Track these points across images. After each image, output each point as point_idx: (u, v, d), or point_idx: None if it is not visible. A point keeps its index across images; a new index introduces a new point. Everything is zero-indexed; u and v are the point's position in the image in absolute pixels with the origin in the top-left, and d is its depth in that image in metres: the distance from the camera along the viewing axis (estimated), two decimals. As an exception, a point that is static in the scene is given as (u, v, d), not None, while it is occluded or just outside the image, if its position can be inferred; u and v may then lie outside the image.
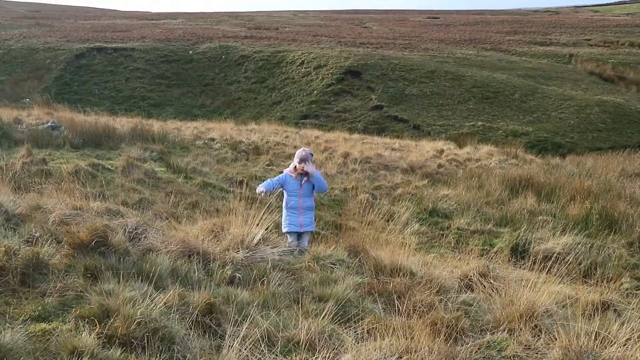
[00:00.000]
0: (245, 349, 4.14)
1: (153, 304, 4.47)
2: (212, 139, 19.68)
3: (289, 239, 7.95)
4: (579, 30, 71.65)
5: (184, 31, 56.06)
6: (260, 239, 6.68)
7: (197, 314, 4.59)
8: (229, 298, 5.07)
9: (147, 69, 42.37)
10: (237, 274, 5.80)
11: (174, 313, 4.50)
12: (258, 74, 41.91)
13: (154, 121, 24.45)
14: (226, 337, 4.25)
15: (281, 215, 8.13)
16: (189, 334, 4.35)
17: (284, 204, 8.06)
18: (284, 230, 8.01)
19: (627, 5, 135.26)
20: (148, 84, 40.59)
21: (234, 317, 4.62)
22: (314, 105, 36.39)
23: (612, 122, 33.87)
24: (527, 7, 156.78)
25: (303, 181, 7.97)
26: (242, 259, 6.19)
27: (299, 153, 7.99)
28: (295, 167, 7.94)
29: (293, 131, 25.70)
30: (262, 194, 7.79)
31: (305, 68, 41.47)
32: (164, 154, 14.99)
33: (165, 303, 4.57)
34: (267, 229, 6.86)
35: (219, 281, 5.61)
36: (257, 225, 6.81)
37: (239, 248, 6.39)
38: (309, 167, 7.92)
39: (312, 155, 8.13)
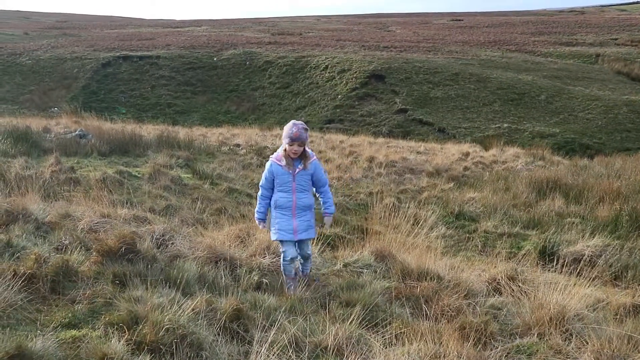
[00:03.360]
0: (273, 355, 4.14)
1: (181, 310, 4.50)
2: (238, 145, 19.76)
3: (282, 248, 5.93)
4: (606, 30, 70.89)
5: (208, 38, 56.47)
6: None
7: (224, 320, 4.60)
8: (256, 304, 5.08)
9: (173, 76, 42.75)
10: (264, 280, 5.82)
11: (201, 319, 4.52)
12: (282, 80, 42.06)
13: (179, 128, 24.64)
14: (254, 343, 4.26)
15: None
16: (217, 340, 4.36)
17: (272, 203, 5.90)
18: (272, 237, 5.94)
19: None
20: (173, 91, 40.95)
21: (261, 323, 4.63)
22: (338, 110, 36.41)
23: (640, 122, 33.46)
24: (552, 7, 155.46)
25: (297, 170, 5.77)
26: (268, 265, 6.22)
27: (289, 129, 5.76)
28: (285, 150, 5.75)
29: (318, 136, 25.72)
30: (262, 225, 6.05)
31: (329, 73, 41.52)
32: (190, 160, 15.07)
33: (193, 309, 4.59)
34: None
35: (246, 287, 5.63)
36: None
37: (265, 253, 6.43)
38: (309, 155, 5.86)
39: (307, 131, 5.87)
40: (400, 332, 4.79)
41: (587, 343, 4.63)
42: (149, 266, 5.50)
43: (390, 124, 33.95)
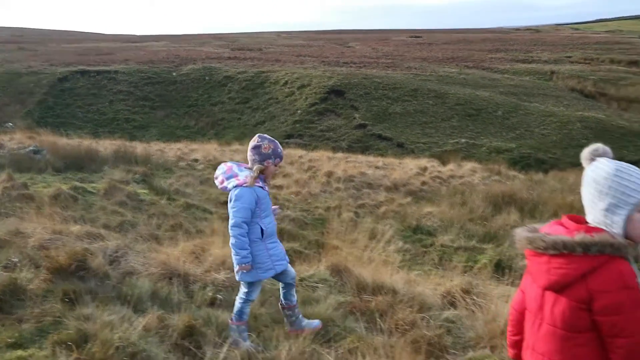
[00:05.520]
0: (225, 371, 4.11)
1: (132, 328, 4.45)
2: (196, 160, 19.63)
3: (248, 288, 4.88)
4: (560, 48, 72.45)
5: (168, 53, 56.12)
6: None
7: (176, 337, 4.55)
8: (210, 320, 5.03)
9: (131, 92, 42.31)
10: (218, 295, 5.77)
11: (153, 336, 4.47)
12: (242, 95, 41.94)
13: (137, 143, 24.36)
14: (205, 360, 4.22)
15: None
16: (169, 357, 4.31)
17: (254, 236, 4.75)
18: (267, 275, 4.88)
19: (607, 22, 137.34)
20: (132, 106, 40.51)
21: (214, 339, 4.59)
22: (297, 125, 36.43)
23: (594, 138, 34.08)
24: (509, 25, 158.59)
25: (267, 188, 4.93)
26: (223, 280, 6.17)
27: (275, 147, 4.90)
28: (263, 171, 4.81)
29: (277, 151, 25.66)
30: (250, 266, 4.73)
31: (289, 88, 41.56)
32: (147, 175, 14.91)
33: (144, 326, 4.54)
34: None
35: (200, 303, 5.58)
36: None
37: (220, 269, 6.38)
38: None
39: None
40: (354, 347, 4.79)
41: (538, 355, 4.67)
42: (101, 283, 5.43)
43: (349, 139, 34.09)
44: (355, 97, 39.29)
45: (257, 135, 5.01)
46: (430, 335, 5.03)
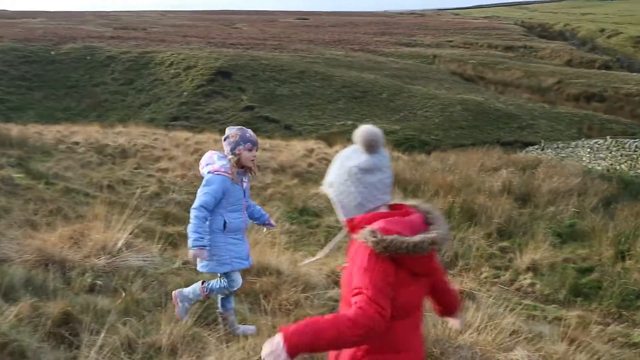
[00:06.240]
0: (103, 358, 4.00)
1: (2, 317, 4.23)
2: (76, 143, 18.88)
3: (227, 279, 4.82)
4: (442, 32, 74.94)
5: (45, 31, 53.64)
6: (123, 244, 6.48)
7: (51, 325, 4.38)
8: (88, 306, 4.88)
9: (5, 71, 40.14)
10: (97, 281, 5.60)
11: (25, 325, 4.28)
12: (125, 75, 40.78)
13: (12, 125, 23.13)
14: (82, 347, 4.09)
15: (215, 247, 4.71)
16: (42, 347, 4.15)
17: (215, 226, 4.71)
18: (223, 269, 4.76)
19: (485, 8, 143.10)
20: (6, 86, 38.44)
21: (91, 326, 4.46)
22: (184, 107, 35.87)
23: (473, 120, 35.57)
24: (394, 9, 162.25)
25: (244, 184, 4.89)
26: (103, 266, 5.98)
27: (242, 133, 4.77)
28: (239, 159, 4.74)
29: (162, 133, 25.14)
30: (205, 252, 4.57)
31: (174, 69, 40.78)
32: (23, 159, 14.25)
33: (16, 315, 4.34)
34: (130, 233, 6.67)
35: (78, 290, 5.39)
36: (121, 230, 6.62)
37: (100, 254, 6.18)
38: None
39: None
40: (237, 328, 4.79)
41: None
42: (-31, 273, 5.14)
43: (237, 121, 33.85)
44: (242, 78, 39.09)
45: (227, 127, 4.98)
46: (314, 314, 5.09)
